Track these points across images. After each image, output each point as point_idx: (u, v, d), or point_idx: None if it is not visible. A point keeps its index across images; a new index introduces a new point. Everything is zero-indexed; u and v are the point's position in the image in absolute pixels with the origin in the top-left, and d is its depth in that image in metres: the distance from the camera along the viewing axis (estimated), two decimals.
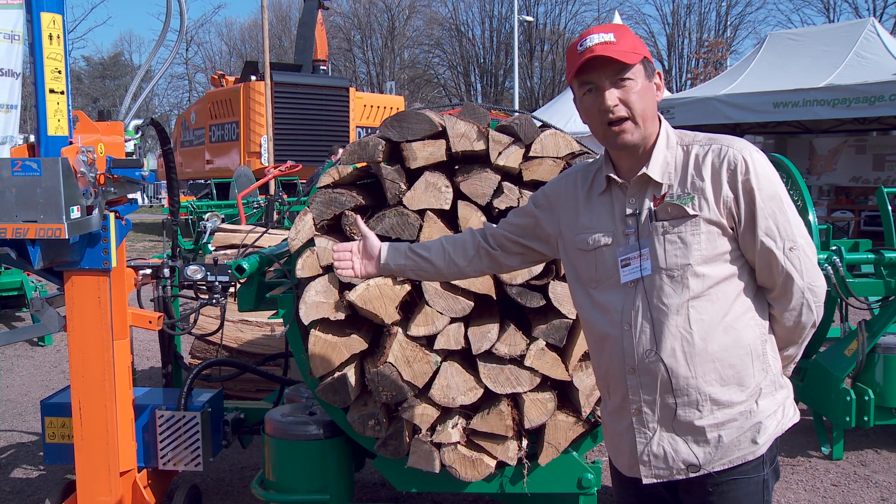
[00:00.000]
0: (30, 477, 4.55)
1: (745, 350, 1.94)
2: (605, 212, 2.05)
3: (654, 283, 1.95)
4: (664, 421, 1.98)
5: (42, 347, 7.96)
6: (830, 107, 11.97)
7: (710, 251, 1.91)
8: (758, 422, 1.96)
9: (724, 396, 1.94)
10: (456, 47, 47.45)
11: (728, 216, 1.91)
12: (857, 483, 4.42)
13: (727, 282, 1.94)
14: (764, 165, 1.92)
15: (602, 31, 1.92)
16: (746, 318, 1.96)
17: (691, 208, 1.91)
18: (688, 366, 1.93)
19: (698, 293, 1.92)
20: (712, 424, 1.94)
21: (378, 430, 3.09)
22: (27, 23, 2.86)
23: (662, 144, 1.98)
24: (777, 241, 1.91)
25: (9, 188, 2.71)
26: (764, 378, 1.98)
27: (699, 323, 1.92)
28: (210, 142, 20.15)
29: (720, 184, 1.90)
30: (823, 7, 38.15)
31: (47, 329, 3.24)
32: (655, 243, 1.94)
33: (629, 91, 1.90)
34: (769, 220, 1.90)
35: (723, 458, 1.95)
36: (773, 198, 1.91)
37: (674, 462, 1.98)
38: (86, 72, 51.42)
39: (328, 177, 3.13)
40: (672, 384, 1.94)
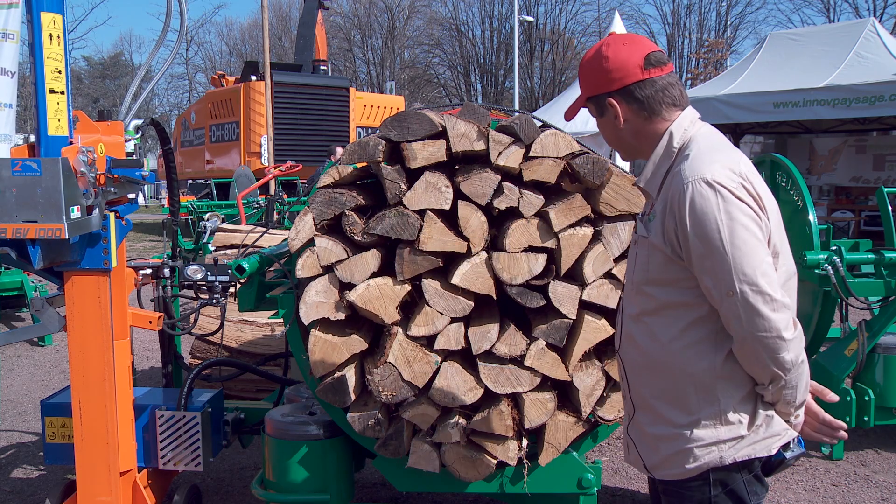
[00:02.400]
0: (30, 477, 4.55)
1: (688, 380, 1.92)
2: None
3: (627, 290, 2.08)
4: (629, 415, 2.11)
5: (42, 347, 7.96)
6: (830, 107, 11.98)
7: (658, 274, 1.93)
8: (688, 447, 1.93)
9: (666, 413, 1.97)
10: (456, 47, 47.43)
11: (672, 244, 1.87)
12: (857, 483, 4.42)
13: (679, 309, 1.91)
14: (703, 199, 1.78)
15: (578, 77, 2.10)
16: (697, 349, 1.90)
17: (645, 229, 1.97)
18: (635, 374, 2.04)
19: (647, 310, 1.97)
20: (655, 435, 2.00)
21: (378, 430, 3.09)
22: (27, 23, 2.86)
23: (658, 152, 1.98)
24: (714, 283, 1.81)
25: (9, 188, 2.71)
26: (708, 410, 1.91)
27: (647, 338, 1.97)
28: (210, 142, 20.15)
29: (666, 210, 1.88)
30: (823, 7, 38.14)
31: (47, 329, 3.24)
32: (633, 253, 2.08)
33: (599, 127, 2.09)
34: (704, 259, 1.81)
35: (660, 469, 2.01)
36: (709, 235, 1.78)
37: (635, 455, 2.11)
38: (86, 72, 51.42)
39: (328, 177, 3.13)
40: (629, 386, 2.08)
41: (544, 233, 2.96)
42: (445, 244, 2.95)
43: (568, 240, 2.94)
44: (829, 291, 4.66)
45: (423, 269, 2.99)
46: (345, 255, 3.02)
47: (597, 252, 2.96)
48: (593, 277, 2.96)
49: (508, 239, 2.94)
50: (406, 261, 2.98)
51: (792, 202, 5.02)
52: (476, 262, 2.96)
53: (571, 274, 3.00)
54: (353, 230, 3.03)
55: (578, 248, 2.96)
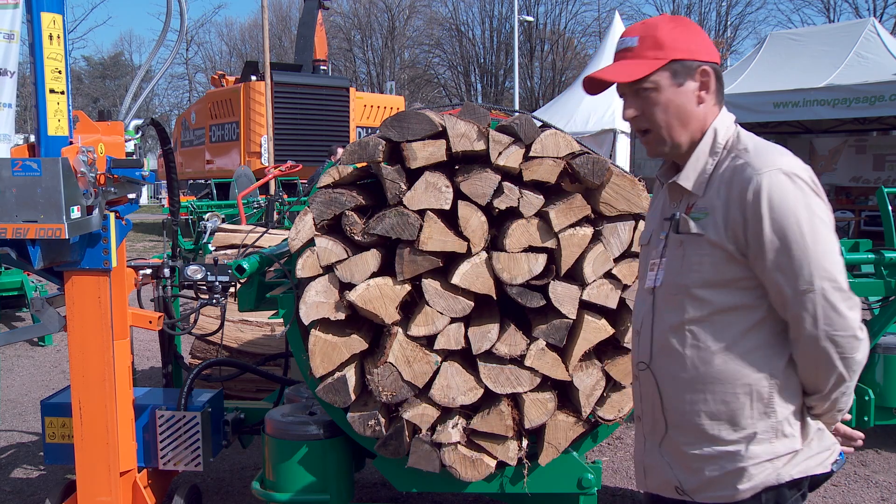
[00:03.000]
0: (30, 477, 4.55)
1: (744, 389, 1.78)
2: (656, 210, 2.00)
3: (661, 297, 1.87)
4: (655, 435, 1.92)
5: (42, 347, 7.96)
6: (831, 107, 11.97)
7: (713, 275, 1.77)
8: (742, 467, 1.79)
9: (711, 430, 1.81)
10: (456, 47, 47.44)
11: (735, 241, 1.74)
12: (857, 483, 4.42)
13: (736, 312, 1.77)
14: (782, 190, 1.70)
15: (629, 35, 1.83)
16: (756, 355, 1.77)
17: (697, 226, 1.79)
18: (675, 389, 1.84)
19: (696, 318, 1.79)
20: (696, 455, 1.83)
21: (378, 430, 3.09)
22: (27, 23, 2.86)
23: (705, 149, 1.85)
24: (789, 280, 1.70)
25: (9, 188, 2.71)
26: (764, 423, 1.79)
27: (695, 349, 1.80)
28: (210, 142, 20.17)
29: (730, 206, 1.75)
30: (823, 7, 38.15)
31: (47, 329, 3.24)
32: (671, 256, 1.86)
33: (649, 103, 1.81)
34: (780, 254, 1.70)
35: (703, 491, 1.83)
36: (788, 229, 1.69)
37: (661, 479, 1.90)
38: (86, 72, 51.43)
39: (328, 177, 3.13)
40: (662, 403, 1.87)
41: (544, 233, 2.96)
42: (445, 244, 2.95)
43: (568, 240, 2.94)
44: None
45: (423, 269, 2.99)
46: (345, 255, 3.02)
47: (597, 252, 2.96)
48: (593, 277, 2.96)
49: (508, 239, 2.94)
50: (406, 261, 2.98)
51: None
52: (476, 262, 2.96)
53: (571, 274, 3.00)
54: (353, 230, 3.03)
55: (578, 248, 2.96)
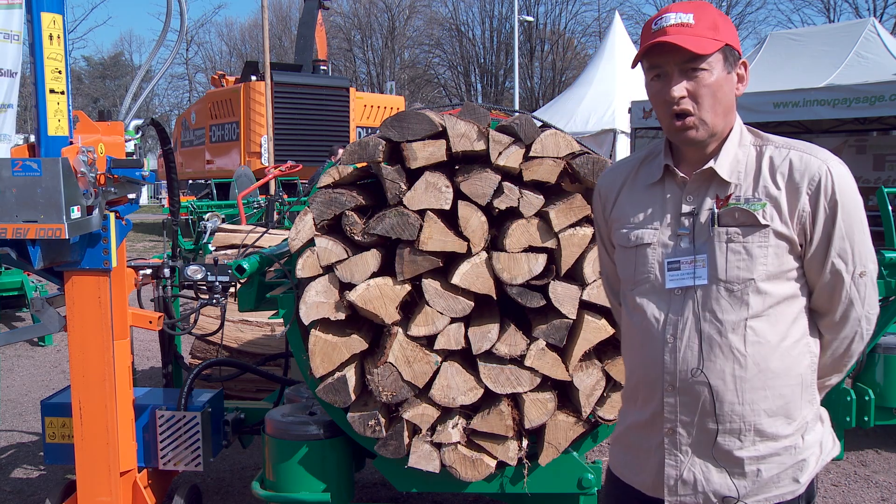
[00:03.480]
0: (30, 477, 4.55)
1: (797, 380, 1.78)
2: (654, 206, 1.87)
3: (709, 295, 1.76)
4: (700, 446, 1.81)
5: (42, 347, 7.96)
6: (831, 107, 11.96)
7: (776, 267, 1.74)
8: (802, 459, 1.79)
9: (770, 428, 1.77)
10: (456, 47, 47.45)
11: (800, 232, 1.74)
12: (857, 483, 4.42)
13: (788, 302, 1.77)
14: (849, 181, 1.75)
15: (681, 10, 1.74)
16: (801, 344, 1.79)
17: (762, 217, 1.73)
18: (736, 391, 1.75)
19: (758, 312, 1.74)
20: (753, 457, 1.77)
21: (378, 431, 3.09)
22: (27, 23, 2.86)
23: (735, 140, 1.82)
24: (848, 265, 1.75)
25: (9, 188, 2.71)
26: (810, 410, 1.82)
27: (756, 345, 1.74)
28: (210, 142, 20.17)
29: (798, 196, 1.72)
30: (824, 7, 38.16)
31: (47, 329, 3.24)
32: (717, 251, 1.75)
33: (700, 83, 1.73)
34: (846, 241, 1.73)
35: (759, 494, 1.78)
36: (854, 217, 1.74)
37: (704, 491, 1.80)
38: (86, 72, 51.44)
39: (328, 177, 3.13)
40: (716, 408, 1.76)
41: (544, 233, 2.96)
42: (445, 244, 2.95)
43: (568, 240, 2.94)
44: None
45: (424, 269, 2.99)
46: (345, 255, 3.02)
47: (597, 252, 2.96)
48: (593, 277, 2.96)
49: (508, 239, 2.94)
50: (406, 261, 2.98)
51: None
52: (476, 262, 2.96)
53: (571, 274, 3.00)
54: (353, 230, 3.03)
55: (578, 248, 2.96)
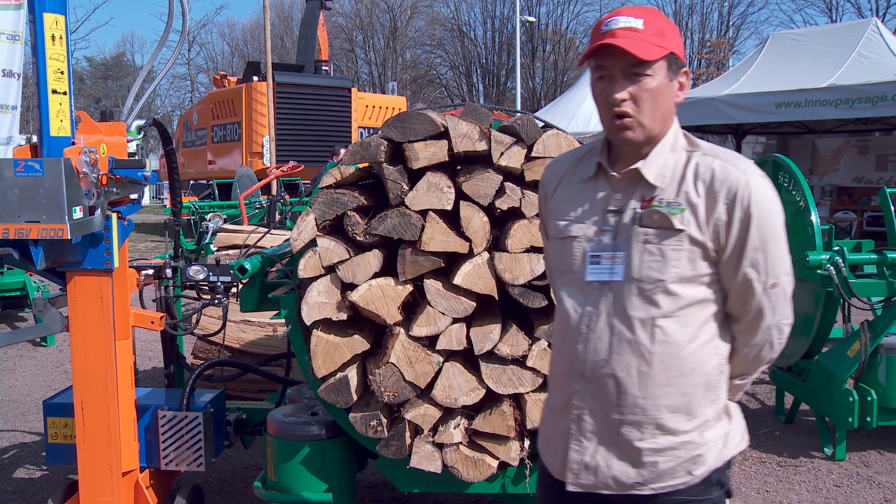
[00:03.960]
0: (32, 477, 4.55)
1: (702, 380, 1.85)
2: (586, 201, 1.92)
3: (622, 292, 1.82)
4: (604, 434, 1.88)
5: (45, 348, 7.97)
6: (833, 107, 11.97)
7: (688, 271, 1.80)
8: (698, 454, 1.86)
9: (669, 423, 1.84)
10: (458, 48, 47.44)
11: (714, 239, 1.80)
12: (859, 484, 4.42)
13: (699, 305, 1.83)
14: (768, 194, 1.81)
15: (631, 15, 1.79)
16: (710, 346, 1.86)
17: (679, 222, 1.79)
18: (640, 385, 1.82)
19: (667, 312, 1.81)
20: (651, 449, 1.85)
21: (380, 431, 3.08)
22: (30, 23, 2.86)
23: (667, 145, 1.87)
24: (760, 276, 1.81)
25: (11, 188, 2.71)
26: (713, 409, 1.89)
27: (663, 344, 1.81)
28: (212, 142, 20.17)
29: (715, 204, 1.78)
30: (826, 7, 38.13)
31: (50, 329, 3.24)
32: (633, 250, 1.82)
33: (642, 88, 1.78)
34: (759, 252, 1.80)
35: (655, 482, 1.86)
36: (770, 230, 1.80)
37: (604, 476, 1.88)
38: (88, 72, 51.50)
39: (330, 177, 3.13)
40: (619, 400, 1.84)
41: None
42: (447, 244, 2.95)
43: None
44: (832, 292, 4.65)
45: (425, 269, 2.99)
46: (347, 255, 3.02)
47: None
48: None
49: (510, 239, 2.93)
50: (408, 261, 2.98)
51: (794, 203, 5.02)
52: (478, 263, 2.96)
53: None
54: (355, 231, 3.03)
55: None
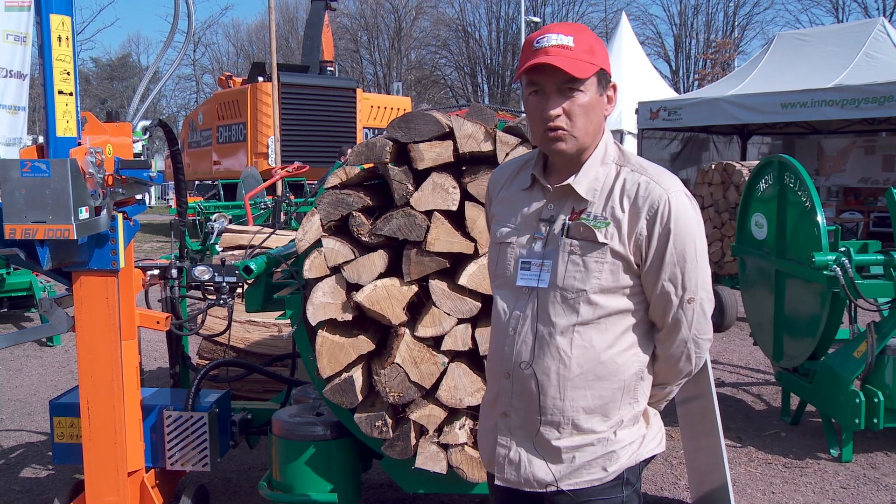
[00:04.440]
0: (39, 476, 4.56)
1: (619, 384, 1.93)
2: (522, 209, 2.00)
3: (547, 299, 1.91)
4: (525, 433, 1.97)
5: (51, 348, 7.99)
6: (839, 107, 11.92)
7: (609, 282, 1.88)
8: (612, 451, 1.95)
9: (586, 424, 1.93)
10: (463, 48, 47.46)
11: (636, 253, 1.87)
12: (866, 486, 4.40)
13: (620, 315, 1.91)
14: (687, 212, 1.88)
15: (562, 32, 1.84)
16: (629, 353, 1.94)
17: (602, 235, 1.86)
18: (559, 388, 1.91)
19: (587, 320, 1.89)
20: (569, 447, 1.94)
21: (385, 431, 3.08)
22: (36, 25, 2.87)
23: (598, 159, 1.93)
24: (677, 290, 1.89)
25: (18, 189, 2.72)
26: (629, 412, 1.97)
27: (581, 349, 1.89)
28: (217, 143, 20.21)
29: (637, 219, 1.86)
30: (832, 7, 38.04)
31: (56, 329, 3.25)
32: (559, 259, 1.90)
33: (574, 103, 1.85)
34: (676, 267, 1.87)
35: (572, 478, 1.94)
36: (688, 246, 1.87)
37: (526, 473, 1.97)
38: (94, 73, 51.67)
39: (335, 178, 3.13)
40: (539, 401, 1.93)
41: None
42: (453, 245, 2.95)
43: None
44: (838, 293, 4.64)
45: (431, 269, 2.99)
46: (352, 255, 3.02)
47: None
48: None
49: None
50: (413, 262, 2.98)
51: (800, 203, 5.00)
52: (483, 263, 2.96)
53: None
54: (360, 231, 3.03)
55: None
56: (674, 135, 16.03)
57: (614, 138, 2.00)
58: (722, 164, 8.97)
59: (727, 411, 5.64)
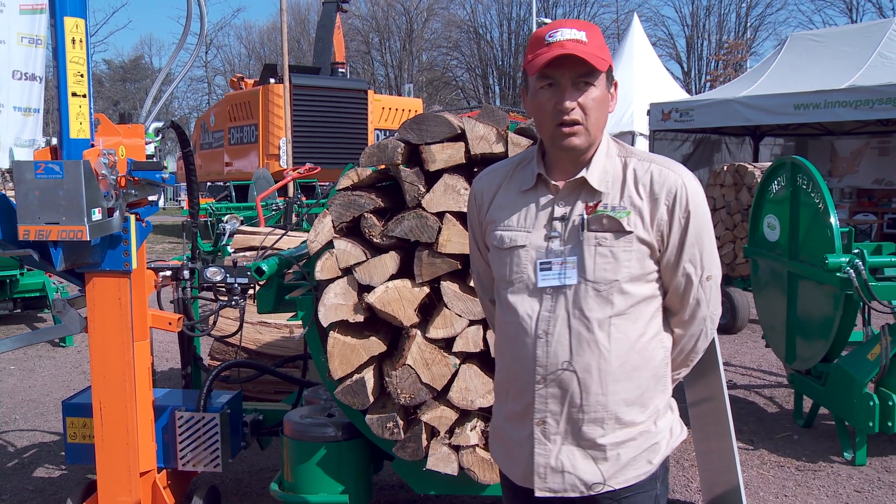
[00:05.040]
0: (52, 476, 4.59)
1: (652, 372, 1.95)
2: (528, 210, 1.97)
3: (578, 294, 1.89)
4: (567, 435, 1.93)
5: (63, 348, 8.03)
6: (853, 108, 11.83)
7: (637, 270, 1.90)
8: (654, 443, 1.97)
9: (627, 416, 1.93)
10: (474, 50, 47.45)
11: (658, 238, 1.90)
12: (881, 490, 4.37)
13: (646, 302, 1.93)
14: (701, 195, 1.94)
15: (574, 27, 1.84)
16: (656, 339, 1.97)
17: (627, 224, 1.88)
18: (600, 383, 1.89)
19: (621, 311, 1.89)
20: (613, 443, 1.93)
21: (396, 433, 3.08)
22: (51, 27, 2.89)
23: (603, 152, 1.95)
24: (697, 269, 1.94)
25: (32, 190, 2.74)
26: (662, 399, 2.00)
27: (618, 341, 1.89)
28: (229, 144, 20.28)
29: (657, 206, 1.89)
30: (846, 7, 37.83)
31: (69, 330, 3.27)
32: (586, 254, 1.88)
33: (588, 97, 1.85)
34: (696, 247, 1.92)
35: (619, 476, 1.93)
36: (704, 226, 1.93)
37: (570, 477, 1.93)
38: (107, 75, 51.96)
39: (347, 179, 3.13)
40: (582, 399, 1.90)
41: None
42: (464, 246, 2.95)
43: None
44: (852, 295, 4.61)
45: (442, 271, 2.98)
46: (364, 257, 3.03)
47: None
48: None
49: None
50: (425, 263, 2.98)
51: (813, 205, 4.98)
52: None
53: None
54: (371, 232, 3.03)
55: None
56: (685, 136, 15.97)
57: (625, 140, 2.02)
58: (734, 165, 8.92)
59: (739, 413, 5.61)
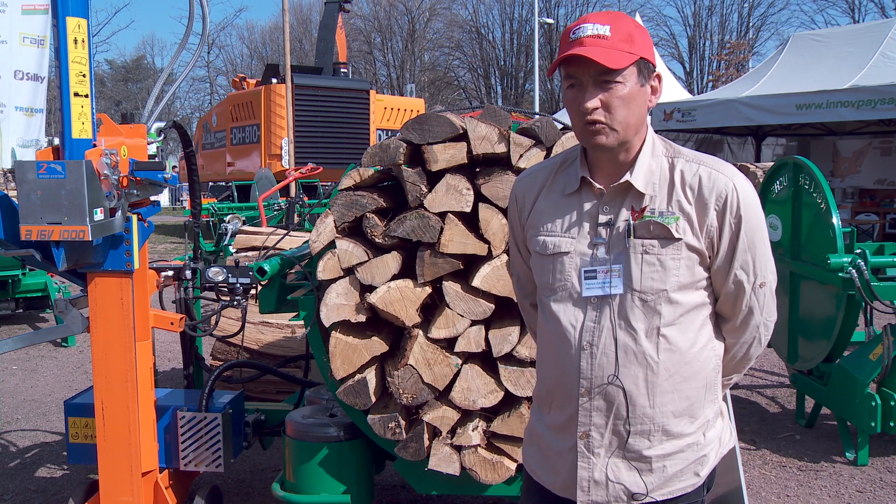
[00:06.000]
0: (54, 476, 4.59)
1: (703, 382, 1.88)
2: (572, 215, 1.90)
3: (624, 304, 1.82)
4: (612, 447, 1.88)
5: (65, 348, 8.04)
6: (855, 108, 11.83)
7: (687, 278, 1.82)
8: (703, 455, 1.90)
9: (675, 428, 1.86)
10: (476, 50, 47.47)
11: (708, 245, 1.82)
12: (883, 490, 4.36)
13: (696, 310, 1.86)
14: (753, 197, 1.84)
15: (598, 22, 1.76)
16: (707, 349, 1.89)
17: (676, 231, 1.80)
18: (648, 395, 1.83)
19: (670, 321, 1.82)
20: (660, 455, 1.86)
21: (398, 433, 3.08)
22: (53, 27, 2.89)
23: (648, 152, 1.86)
24: (749, 276, 1.85)
25: (34, 190, 2.74)
26: (712, 409, 1.93)
27: (667, 353, 1.82)
28: (231, 144, 20.29)
29: (706, 211, 1.80)
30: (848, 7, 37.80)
31: (71, 330, 3.27)
32: (632, 262, 1.81)
33: (613, 94, 1.76)
34: (748, 253, 1.83)
35: (664, 488, 1.87)
36: (756, 231, 1.84)
37: (614, 490, 1.88)
38: (109, 75, 52.02)
39: (349, 179, 3.13)
40: (628, 412, 1.84)
41: None
42: (466, 246, 2.95)
43: None
44: (854, 295, 4.61)
45: (444, 271, 2.98)
46: (366, 257, 3.03)
47: None
48: None
49: None
50: (427, 263, 2.98)
51: (815, 205, 4.97)
52: (497, 265, 2.96)
53: None
54: (373, 232, 3.03)
55: None
56: (688, 136, 15.97)
57: None
58: (736, 165, 8.93)
59: (741, 414, 5.61)
